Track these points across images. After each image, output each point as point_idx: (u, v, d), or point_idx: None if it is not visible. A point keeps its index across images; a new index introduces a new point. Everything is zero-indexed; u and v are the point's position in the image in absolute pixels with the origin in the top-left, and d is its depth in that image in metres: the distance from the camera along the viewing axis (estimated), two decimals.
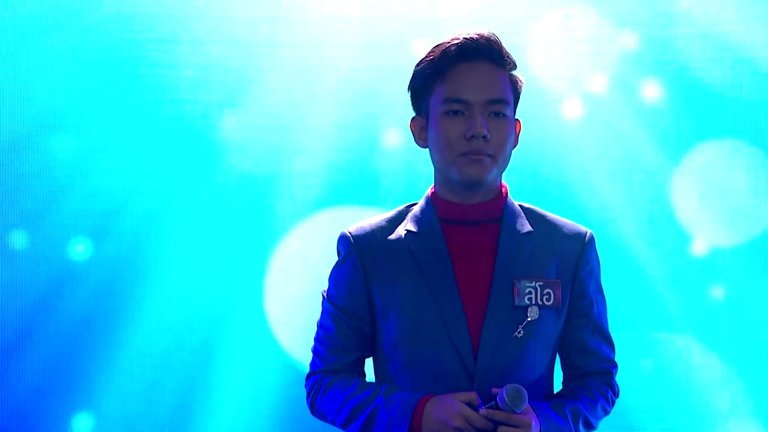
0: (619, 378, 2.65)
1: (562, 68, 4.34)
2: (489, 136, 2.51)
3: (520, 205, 2.64)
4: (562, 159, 4.29)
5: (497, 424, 2.40)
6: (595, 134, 4.32)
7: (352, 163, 4.29)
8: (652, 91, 4.36)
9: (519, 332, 2.51)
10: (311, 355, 2.67)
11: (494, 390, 2.43)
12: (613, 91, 4.32)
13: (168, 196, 4.40)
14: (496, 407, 2.39)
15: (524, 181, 4.18)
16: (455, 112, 2.53)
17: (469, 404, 2.42)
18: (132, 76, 4.36)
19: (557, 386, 2.63)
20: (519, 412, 2.38)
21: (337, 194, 4.31)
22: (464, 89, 2.53)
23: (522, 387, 2.38)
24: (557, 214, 2.66)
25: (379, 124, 3.83)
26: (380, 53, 4.32)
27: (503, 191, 2.62)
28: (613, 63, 4.32)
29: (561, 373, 2.65)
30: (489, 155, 2.52)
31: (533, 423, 2.41)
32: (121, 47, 4.34)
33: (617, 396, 2.63)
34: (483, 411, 2.40)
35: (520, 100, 2.61)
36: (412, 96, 2.64)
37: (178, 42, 4.36)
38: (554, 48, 4.35)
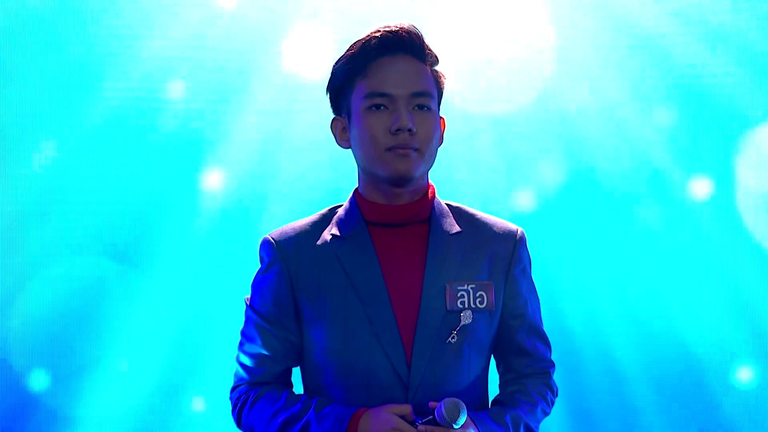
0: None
1: None
2: (414, 130, 2.41)
3: (447, 204, 2.55)
4: None
5: None
6: None
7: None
8: None
9: (453, 338, 2.43)
10: (235, 365, 2.56)
11: (431, 404, 2.34)
12: None
13: (167, 193, 4.26)
14: (434, 422, 2.30)
15: None
16: (378, 107, 2.43)
17: (403, 418, 2.33)
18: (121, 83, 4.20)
19: (492, 388, 2.55)
20: (458, 427, 2.29)
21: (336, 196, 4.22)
22: (387, 83, 2.43)
23: (460, 401, 2.29)
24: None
25: None
26: None
27: (430, 191, 2.52)
28: None
29: (497, 375, 2.58)
30: (415, 149, 2.42)
31: None
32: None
33: (556, 396, 2.56)
34: (421, 427, 2.30)
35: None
36: (331, 97, 2.53)
37: (172, 40, 4.20)
38: None
